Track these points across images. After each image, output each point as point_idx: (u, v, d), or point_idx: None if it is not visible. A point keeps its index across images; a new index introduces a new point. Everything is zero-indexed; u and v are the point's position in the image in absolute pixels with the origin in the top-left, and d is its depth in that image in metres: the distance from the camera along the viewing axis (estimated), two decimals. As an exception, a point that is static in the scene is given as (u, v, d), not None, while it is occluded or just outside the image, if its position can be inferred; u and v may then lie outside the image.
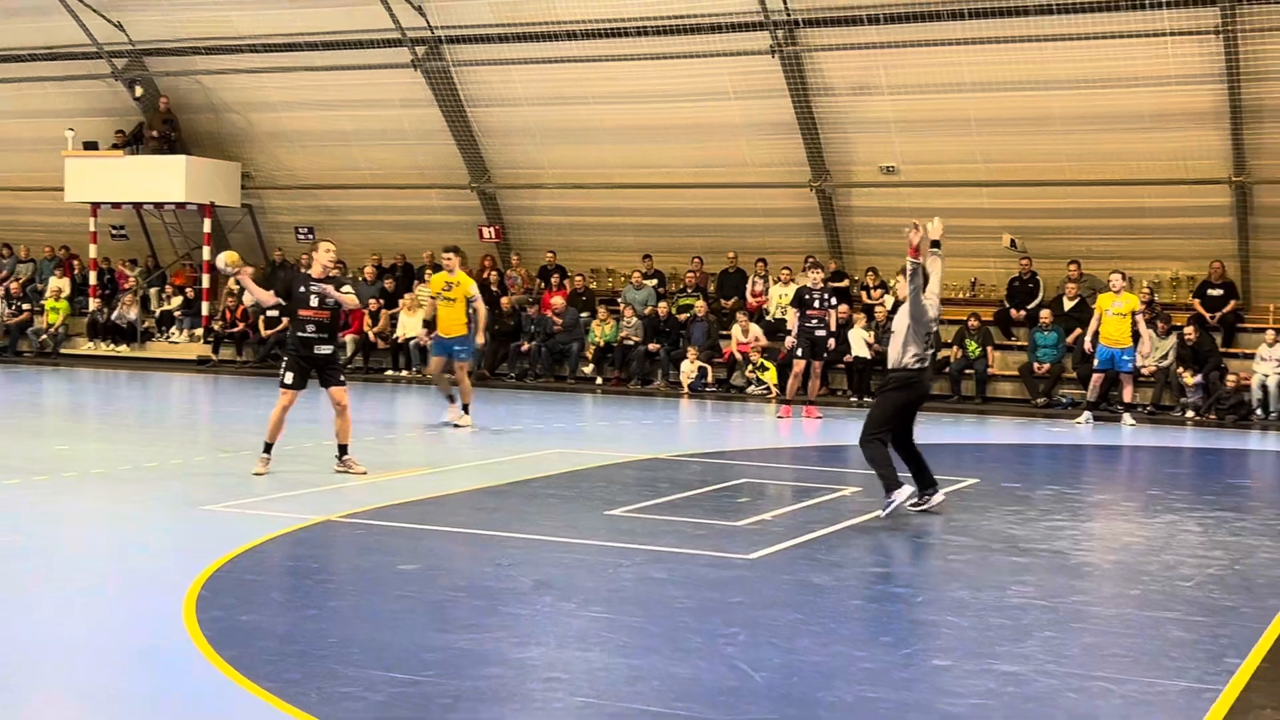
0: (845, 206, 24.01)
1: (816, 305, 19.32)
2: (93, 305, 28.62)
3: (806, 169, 23.66)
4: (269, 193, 28.31)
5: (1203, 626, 7.65)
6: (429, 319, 21.38)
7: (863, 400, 21.31)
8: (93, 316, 28.39)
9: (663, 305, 24.27)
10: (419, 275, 25.87)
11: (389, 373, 24.92)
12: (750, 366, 23.11)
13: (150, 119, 27.69)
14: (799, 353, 19.41)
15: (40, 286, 29.51)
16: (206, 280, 28.11)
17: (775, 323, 23.34)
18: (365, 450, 13.48)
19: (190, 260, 29.14)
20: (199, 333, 27.78)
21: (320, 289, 12.28)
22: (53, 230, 30.05)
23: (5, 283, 29.39)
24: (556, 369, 24.58)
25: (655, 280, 25.05)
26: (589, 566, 8.90)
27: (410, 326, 24.51)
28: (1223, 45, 20.11)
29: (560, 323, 24.45)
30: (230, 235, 28.90)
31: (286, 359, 12.53)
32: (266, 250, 28.46)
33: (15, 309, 28.90)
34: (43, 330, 28.47)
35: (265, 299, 13.07)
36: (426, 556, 9.25)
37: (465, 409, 16.89)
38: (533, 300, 25.37)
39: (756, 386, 22.89)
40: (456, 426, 16.59)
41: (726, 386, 23.44)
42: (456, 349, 17.16)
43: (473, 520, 10.49)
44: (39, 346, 28.29)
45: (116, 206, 28.50)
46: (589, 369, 24.33)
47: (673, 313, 24.22)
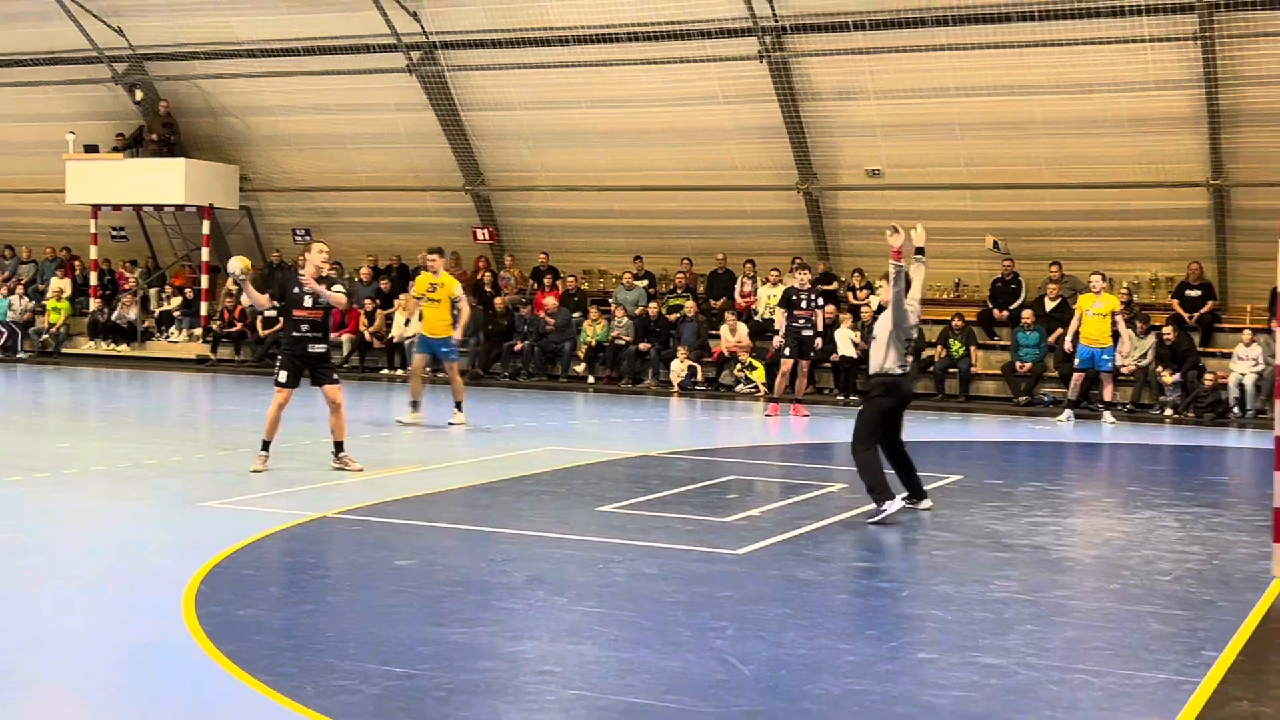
0: (832, 209, 24.04)
1: (804, 305, 19.33)
2: (93, 305, 28.59)
3: (794, 172, 23.68)
4: (267, 195, 28.28)
5: (1181, 620, 7.67)
6: (408, 319, 21.11)
7: (848, 399, 21.34)
8: (93, 316, 28.36)
9: (653, 305, 24.29)
10: (414, 276, 25.81)
11: (384, 372, 24.91)
12: (739, 366, 23.13)
13: (150, 122, 27.65)
14: (786, 352, 19.42)
15: (42, 287, 29.48)
16: (205, 281, 28.07)
17: (763, 323, 23.36)
18: (361, 448, 13.46)
19: (189, 261, 29.10)
20: (198, 332, 27.76)
21: (311, 288, 12.32)
22: (54, 232, 30.00)
23: (8, 281, 29.32)
24: (549, 368, 24.58)
25: (646, 281, 25.06)
26: (581, 562, 8.89)
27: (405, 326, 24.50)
28: (1200, 51, 20.14)
29: (553, 323, 24.44)
30: (229, 237, 28.88)
31: (281, 358, 12.57)
32: (264, 251, 28.41)
33: (18, 309, 28.84)
34: (44, 330, 28.43)
35: (261, 302, 13.07)
36: (421, 552, 9.24)
37: (459, 406, 16.85)
38: (526, 301, 25.37)
39: (745, 385, 22.92)
40: (452, 424, 16.54)
41: (716, 385, 23.44)
42: (444, 350, 17.13)
43: (467, 516, 10.49)
44: (40, 346, 28.25)
45: (117, 208, 28.45)
46: (581, 368, 24.33)
47: (663, 313, 24.23)
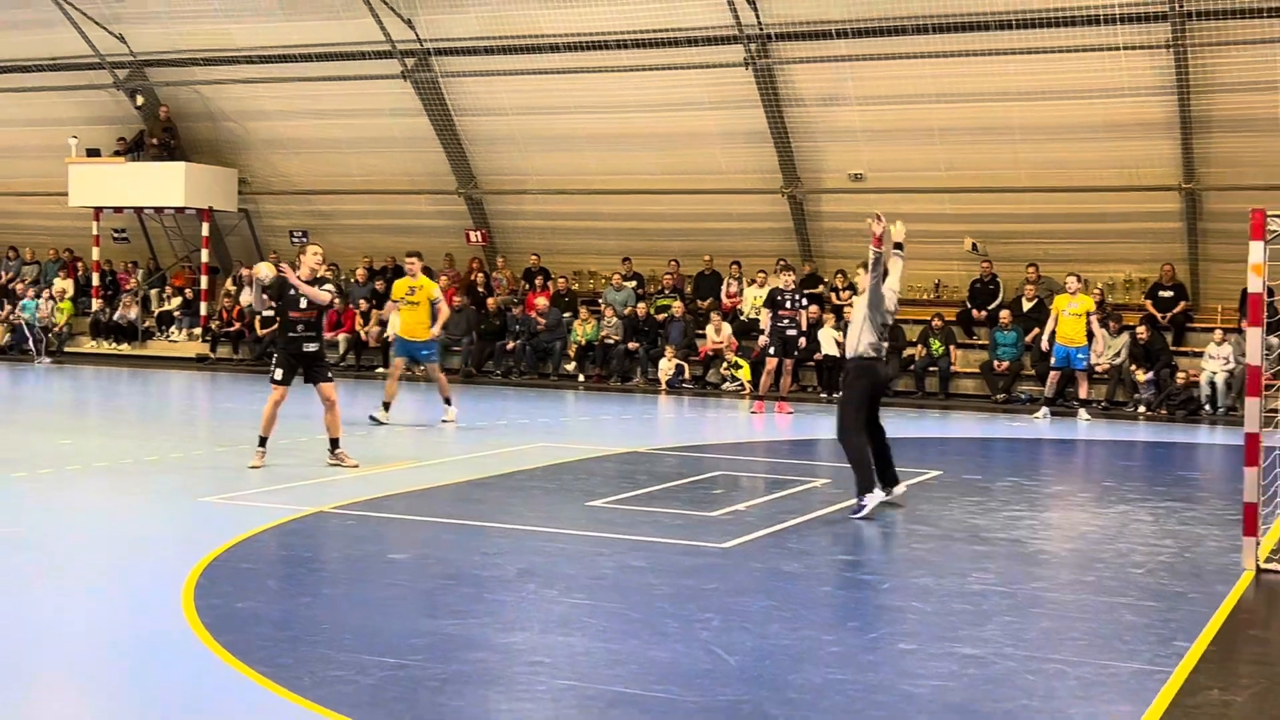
0: (815, 212, 24.05)
1: (788, 306, 19.35)
2: (95, 305, 28.52)
3: (778, 176, 23.69)
4: (264, 198, 28.23)
5: (1154, 611, 7.69)
6: (385, 320, 20.76)
7: (831, 397, 21.34)
8: (95, 316, 28.28)
9: (641, 306, 24.28)
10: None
11: (380, 370, 24.84)
12: (725, 364, 23.14)
13: (150, 127, 27.60)
14: (771, 351, 19.44)
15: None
16: (205, 282, 28.02)
17: (748, 322, 23.37)
18: (356, 444, 13.45)
19: (189, 262, 29.02)
20: (197, 332, 27.70)
21: (299, 289, 12.33)
22: (57, 233, 29.92)
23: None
24: (540, 367, 24.56)
25: (634, 282, 25.05)
26: (571, 555, 8.90)
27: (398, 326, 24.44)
28: (1173, 59, 20.18)
29: (544, 322, 24.43)
30: (227, 239, 28.83)
31: (277, 356, 12.63)
32: (262, 253, 28.30)
33: (20, 309, 28.76)
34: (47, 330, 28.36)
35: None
36: (415, 546, 9.25)
37: (447, 402, 16.75)
38: (517, 301, 25.35)
39: (731, 383, 22.93)
40: (445, 421, 16.49)
41: (702, 383, 23.45)
42: (424, 353, 17.04)
43: (460, 511, 10.47)
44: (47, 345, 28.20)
45: (118, 211, 28.38)
46: (571, 367, 24.32)
47: (651, 313, 24.23)
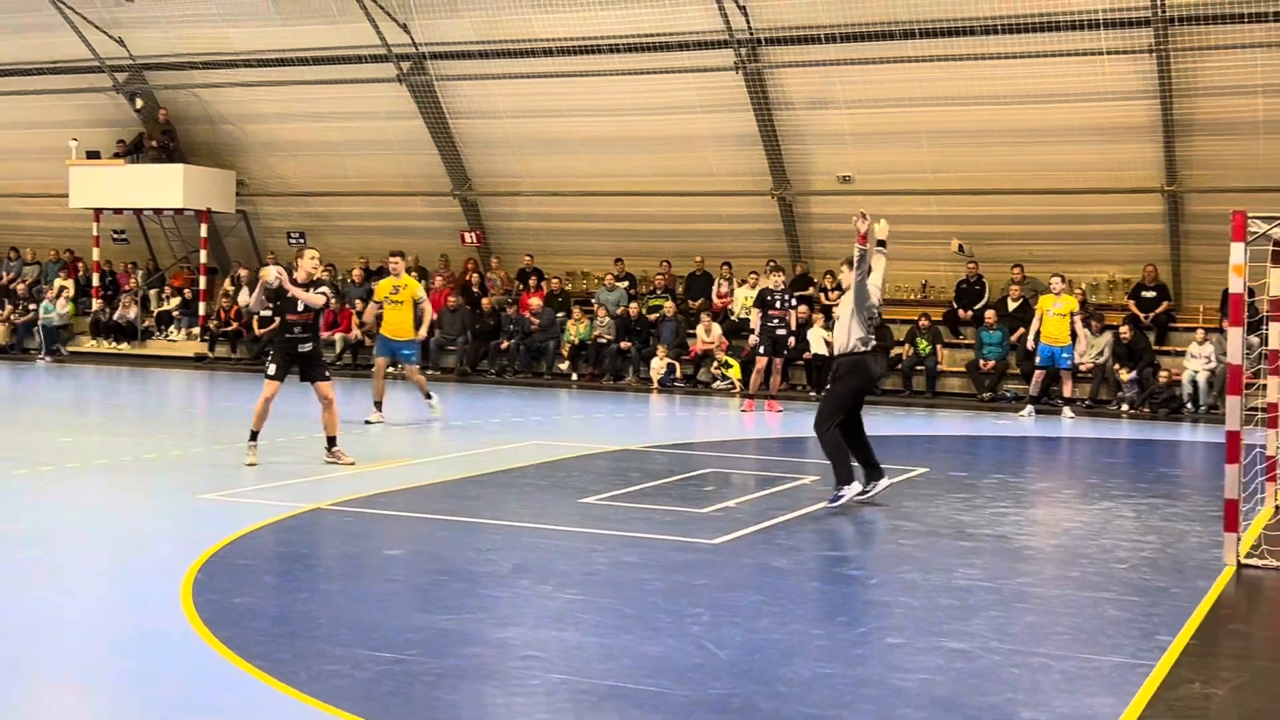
0: (804, 213, 24.06)
1: (778, 306, 19.35)
2: (95, 305, 28.45)
3: (768, 178, 23.69)
4: (262, 199, 28.18)
5: (1137, 606, 7.69)
6: (364, 322, 20.33)
7: (821, 394, 21.33)
8: (95, 316, 28.22)
9: (633, 306, 24.28)
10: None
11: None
12: (715, 363, 23.14)
13: (150, 129, 27.54)
14: (761, 350, 19.45)
15: (45, 288, 29.31)
16: (203, 282, 27.96)
17: (739, 322, 23.37)
18: (353, 442, 13.44)
19: (188, 263, 28.97)
20: (196, 331, 27.65)
21: (291, 292, 12.33)
22: (57, 234, 29.85)
23: (13, 283, 29.18)
24: (534, 366, 24.55)
25: (626, 282, 25.04)
26: (564, 551, 8.89)
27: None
28: (1155, 63, 20.21)
29: (537, 322, 24.42)
30: (225, 240, 28.78)
31: (272, 353, 12.70)
32: (260, 254, 28.30)
33: (22, 309, 28.70)
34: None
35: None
36: (411, 542, 9.23)
37: (428, 395, 16.60)
38: (511, 301, 25.34)
39: (721, 382, 22.93)
40: (433, 419, 16.29)
41: (693, 382, 23.45)
42: (405, 353, 16.85)
43: (455, 508, 10.47)
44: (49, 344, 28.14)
45: (118, 212, 28.32)
46: (564, 366, 24.31)
47: (643, 313, 24.22)
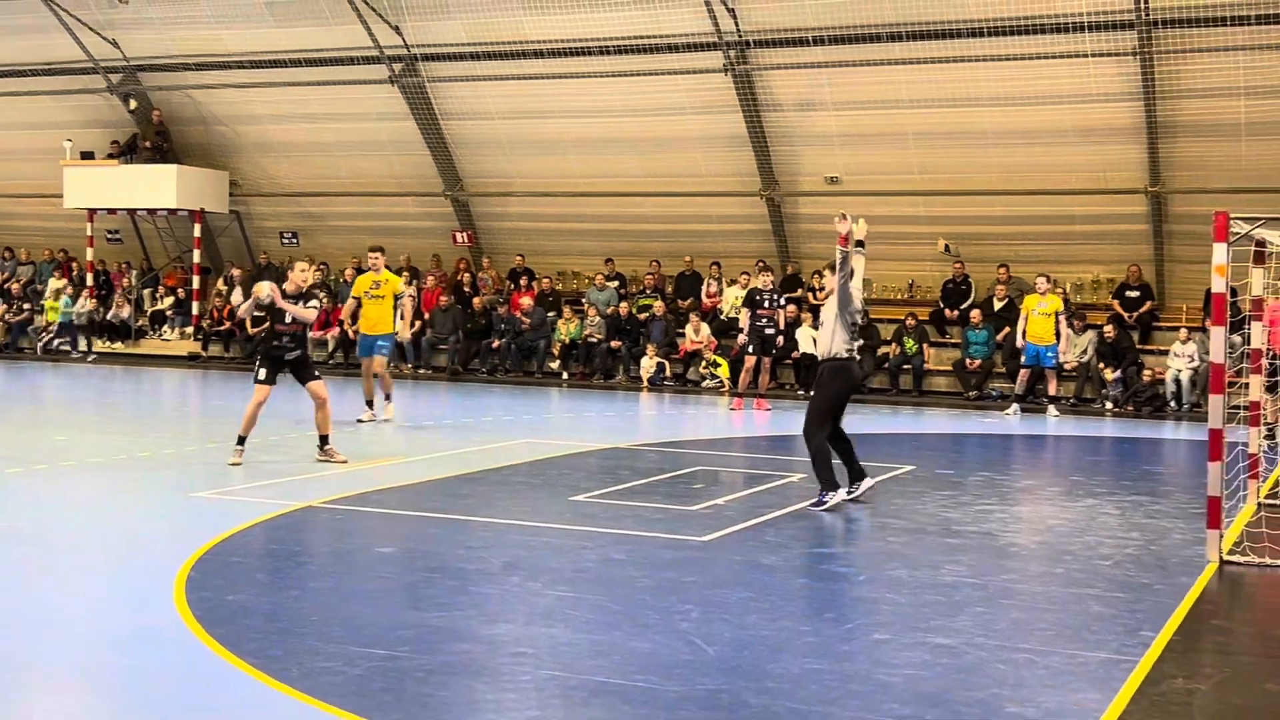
0: (792, 214, 24.06)
1: (766, 305, 19.37)
2: (89, 305, 28.34)
3: (757, 179, 23.69)
4: (255, 200, 28.12)
5: (1121, 602, 7.71)
6: (342, 319, 20.06)
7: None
8: (89, 315, 28.11)
9: (624, 305, 24.28)
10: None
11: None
12: (704, 363, 23.15)
13: (144, 130, 27.47)
14: (750, 349, 19.46)
15: (40, 287, 29.27)
16: (196, 282, 27.90)
17: (728, 321, 23.37)
18: (345, 440, 13.42)
19: (181, 263, 28.90)
20: (189, 331, 27.58)
21: (280, 305, 12.31)
22: (52, 234, 29.78)
23: (7, 283, 29.12)
24: (525, 365, 24.53)
25: (617, 282, 25.04)
26: (554, 549, 8.88)
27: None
28: (1140, 66, 20.24)
29: (528, 322, 24.40)
30: (219, 240, 28.70)
31: (260, 357, 12.65)
32: (253, 253, 28.27)
33: (16, 308, 28.64)
34: (42, 328, 28.23)
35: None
36: (402, 540, 9.22)
37: (388, 398, 16.38)
38: (503, 301, 25.31)
39: (710, 381, 22.93)
40: (384, 419, 15.99)
41: (683, 380, 23.45)
42: (379, 344, 16.61)
43: (446, 506, 10.46)
44: (40, 344, 28.05)
45: (112, 212, 28.23)
46: (555, 365, 24.29)
47: (633, 312, 24.22)
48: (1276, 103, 20.05)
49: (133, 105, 27.45)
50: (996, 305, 22.27)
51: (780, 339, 19.98)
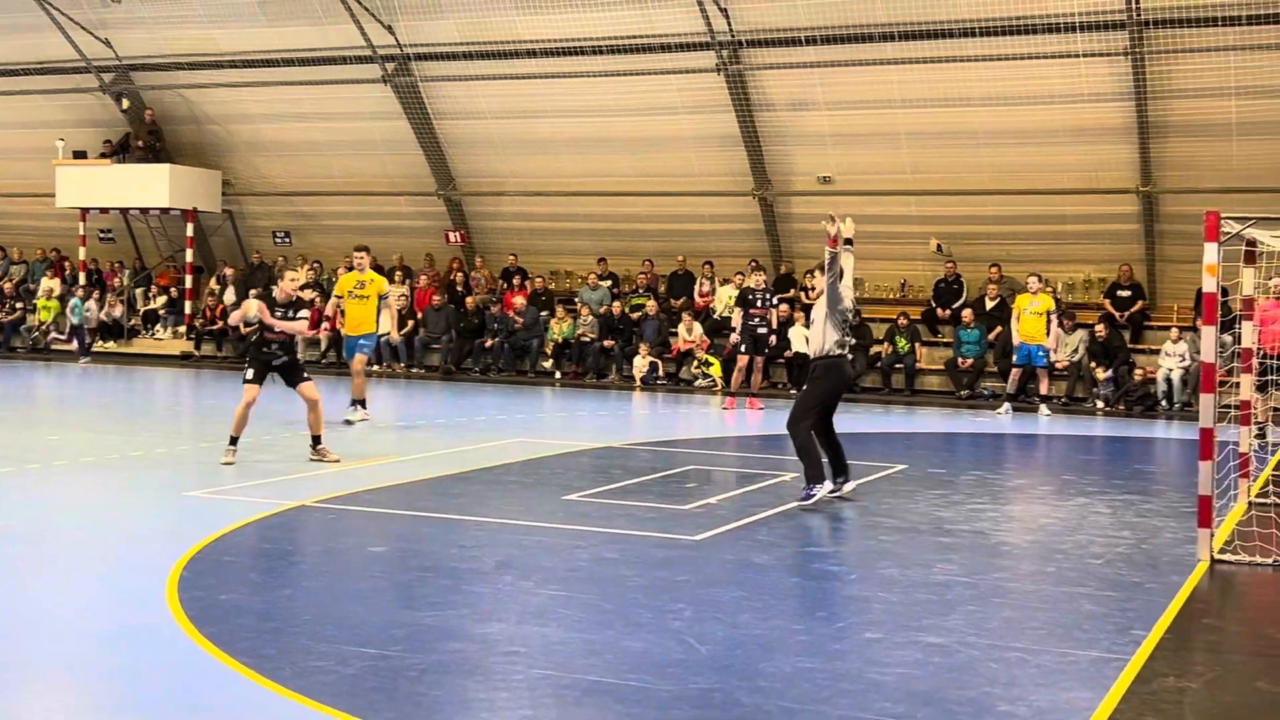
0: (785, 214, 24.08)
1: (759, 305, 19.37)
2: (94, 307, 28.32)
3: (749, 178, 23.70)
4: (248, 199, 28.09)
5: (1112, 601, 7.72)
6: (328, 317, 19.85)
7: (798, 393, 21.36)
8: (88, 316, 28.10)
9: (616, 304, 24.27)
10: (389, 277, 25.63)
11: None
12: (696, 362, 23.14)
13: (136, 130, 27.42)
14: (743, 348, 19.46)
15: (32, 286, 29.20)
16: (189, 281, 27.87)
17: (720, 320, 23.38)
18: (337, 440, 13.40)
19: (174, 262, 28.86)
20: (182, 330, 27.55)
21: (268, 321, 12.30)
22: (44, 234, 29.73)
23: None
24: (518, 364, 24.52)
25: (609, 281, 25.04)
26: (547, 548, 8.87)
27: (382, 324, 24.26)
28: (1131, 66, 20.27)
29: (521, 321, 24.39)
30: (211, 239, 28.68)
31: (249, 359, 12.62)
32: (246, 253, 28.23)
33: (9, 308, 28.57)
34: (34, 328, 28.18)
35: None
36: (395, 539, 9.21)
37: (362, 403, 16.21)
38: (496, 300, 25.30)
39: (703, 380, 22.93)
40: (348, 421, 15.74)
41: (676, 380, 23.45)
42: (361, 343, 16.60)
43: (438, 505, 10.45)
44: (31, 343, 28.02)
45: (104, 211, 28.21)
46: (548, 364, 24.28)
47: (626, 311, 24.22)
48: (1267, 103, 20.11)
49: (125, 104, 27.40)
50: (988, 305, 22.28)
51: (773, 338, 19.98)
